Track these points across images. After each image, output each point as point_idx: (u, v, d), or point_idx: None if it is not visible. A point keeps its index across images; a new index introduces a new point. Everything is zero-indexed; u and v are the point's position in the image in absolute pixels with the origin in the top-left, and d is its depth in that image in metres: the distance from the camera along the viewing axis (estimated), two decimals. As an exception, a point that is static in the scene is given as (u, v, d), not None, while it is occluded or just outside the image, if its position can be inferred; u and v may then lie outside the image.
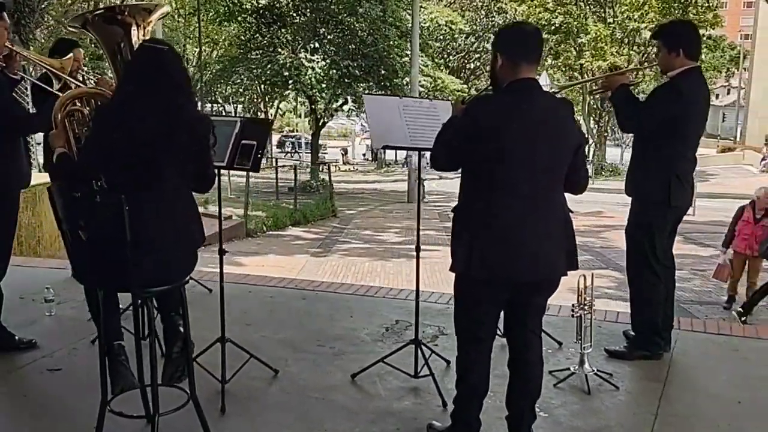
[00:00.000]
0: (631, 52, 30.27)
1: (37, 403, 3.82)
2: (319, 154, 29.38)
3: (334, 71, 22.02)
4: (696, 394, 4.03)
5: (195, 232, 3.23)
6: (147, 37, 3.52)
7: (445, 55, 31.43)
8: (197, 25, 22.59)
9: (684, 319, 5.26)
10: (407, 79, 22.01)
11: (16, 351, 4.40)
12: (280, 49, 22.13)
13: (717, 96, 56.64)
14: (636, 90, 4.50)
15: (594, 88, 4.75)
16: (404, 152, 36.22)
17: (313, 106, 24.06)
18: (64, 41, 6.22)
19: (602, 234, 15.60)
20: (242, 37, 23.30)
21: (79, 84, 4.79)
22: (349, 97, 23.30)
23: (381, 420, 3.65)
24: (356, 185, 28.24)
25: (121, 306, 4.87)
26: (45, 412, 3.73)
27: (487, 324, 3.21)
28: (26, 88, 6.86)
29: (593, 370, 4.07)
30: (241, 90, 24.66)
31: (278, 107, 34.60)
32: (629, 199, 4.48)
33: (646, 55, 30.41)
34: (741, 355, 4.59)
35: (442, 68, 28.44)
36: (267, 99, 28.24)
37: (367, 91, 21.07)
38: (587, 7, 30.60)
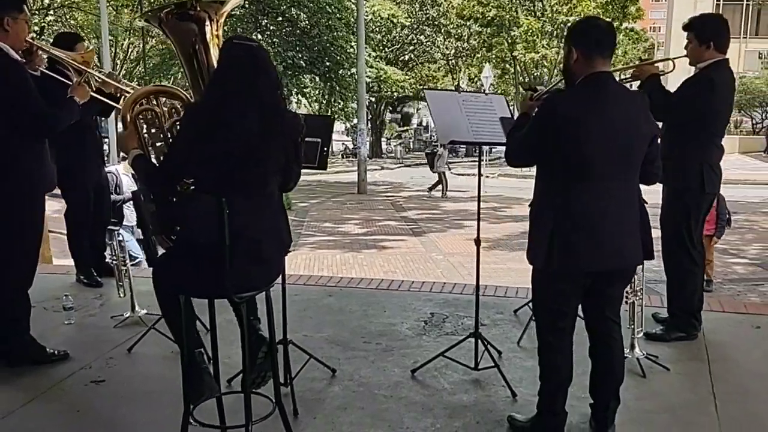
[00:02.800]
0: (560, 44, 30.85)
1: (93, 419, 3.67)
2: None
3: (278, 62, 21.76)
4: (741, 372, 4.17)
5: (284, 233, 3.17)
6: (219, 32, 3.39)
7: (381, 47, 31.41)
8: (133, 17, 21.95)
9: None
10: (353, 70, 21.91)
11: (49, 364, 4.23)
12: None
13: (630, 86, 58.30)
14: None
15: (625, 77, 4.84)
16: (350, 144, 36.37)
17: (257, 99, 23.64)
18: (67, 35, 5.99)
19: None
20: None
21: (100, 77, 4.63)
22: (294, 89, 23.08)
23: (458, 414, 3.65)
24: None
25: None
26: (105, 428, 3.59)
27: (569, 314, 3.26)
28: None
29: (644, 354, 4.18)
30: (184, 83, 23.96)
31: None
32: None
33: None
34: (766, 332, 4.79)
35: (378, 60, 28.40)
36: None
37: (317, 83, 20.77)
38: (518, 0, 31.02)
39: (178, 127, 3.34)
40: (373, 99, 34.55)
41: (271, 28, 22.53)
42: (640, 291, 4.17)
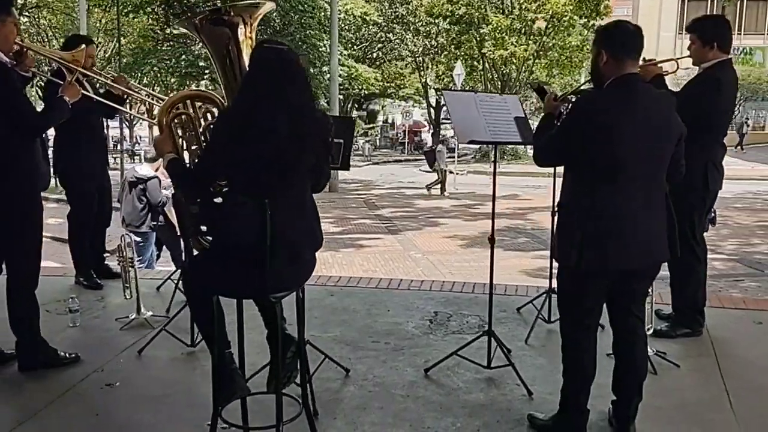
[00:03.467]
0: (528, 41, 31.15)
1: (113, 423, 3.63)
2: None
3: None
4: (750, 368, 4.26)
5: (317, 233, 3.17)
6: (252, 34, 3.37)
7: (350, 45, 31.37)
8: (103, 17, 21.72)
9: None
10: (325, 68, 21.87)
11: (61, 367, 4.16)
12: (192, 40, 21.53)
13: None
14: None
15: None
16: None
17: (229, 98, 23.54)
18: (78, 38, 5.93)
19: (528, 216, 16.04)
20: (157, 30, 22.48)
21: (106, 81, 4.56)
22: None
23: (477, 413, 3.67)
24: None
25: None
26: (126, 432, 3.56)
27: (595, 312, 3.31)
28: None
29: (653, 351, 4.23)
30: (153, 82, 23.89)
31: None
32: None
33: (542, 45, 31.36)
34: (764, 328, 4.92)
35: (348, 58, 28.38)
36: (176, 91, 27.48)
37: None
38: (486, -2, 31.18)
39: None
40: (341, 97, 34.55)
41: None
42: (650, 288, 4.21)
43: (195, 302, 3.22)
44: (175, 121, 3.25)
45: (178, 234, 4.24)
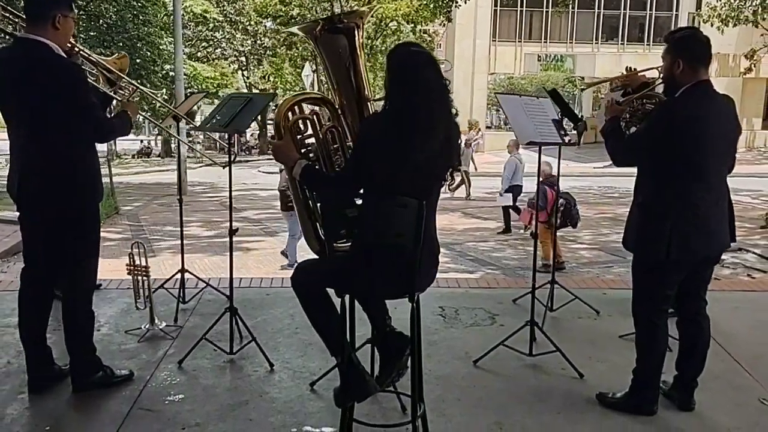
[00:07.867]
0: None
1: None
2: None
3: (84, 59, 20.42)
4: (740, 340, 4.79)
5: None
6: (363, 39, 3.36)
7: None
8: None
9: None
10: (167, 66, 21.06)
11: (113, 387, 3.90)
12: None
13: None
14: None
15: (614, 85, 5.25)
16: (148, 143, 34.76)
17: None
18: None
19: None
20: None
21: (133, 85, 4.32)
22: (103, 86, 21.72)
23: (547, 397, 3.90)
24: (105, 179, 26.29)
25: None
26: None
27: (671, 297, 3.67)
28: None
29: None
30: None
31: None
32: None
33: (371, 48, 31.98)
34: (730, 305, 5.54)
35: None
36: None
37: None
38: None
39: (331, 132, 3.33)
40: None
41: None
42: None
43: (314, 306, 3.21)
44: (294, 125, 3.22)
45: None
